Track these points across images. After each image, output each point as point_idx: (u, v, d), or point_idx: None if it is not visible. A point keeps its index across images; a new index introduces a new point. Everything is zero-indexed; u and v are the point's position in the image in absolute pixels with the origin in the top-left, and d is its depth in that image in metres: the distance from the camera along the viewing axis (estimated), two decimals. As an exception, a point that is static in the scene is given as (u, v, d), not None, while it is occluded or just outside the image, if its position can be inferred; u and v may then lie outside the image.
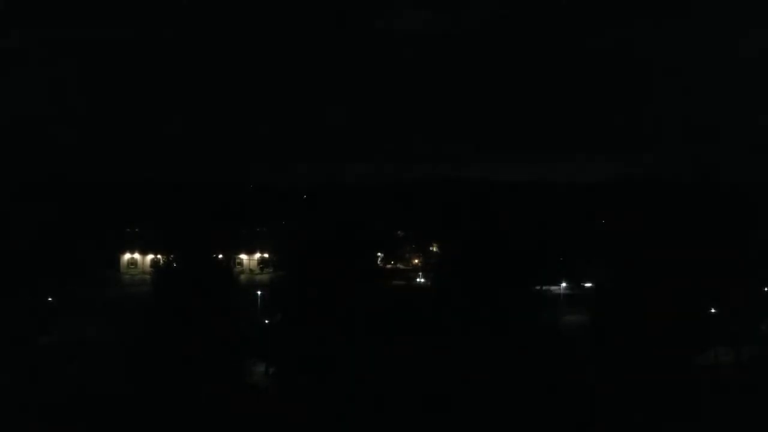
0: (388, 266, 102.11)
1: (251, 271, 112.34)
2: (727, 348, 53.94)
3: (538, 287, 52.19)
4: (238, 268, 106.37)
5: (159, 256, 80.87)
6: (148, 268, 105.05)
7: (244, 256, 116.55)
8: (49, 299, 71.31)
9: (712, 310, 55.06)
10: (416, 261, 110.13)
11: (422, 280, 79.76)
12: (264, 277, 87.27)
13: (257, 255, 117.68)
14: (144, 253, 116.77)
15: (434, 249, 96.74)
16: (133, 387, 46.06)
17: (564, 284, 76.99)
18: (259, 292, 65.06)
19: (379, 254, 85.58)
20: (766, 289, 61.18)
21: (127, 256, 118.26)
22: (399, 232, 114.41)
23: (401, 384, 45.11)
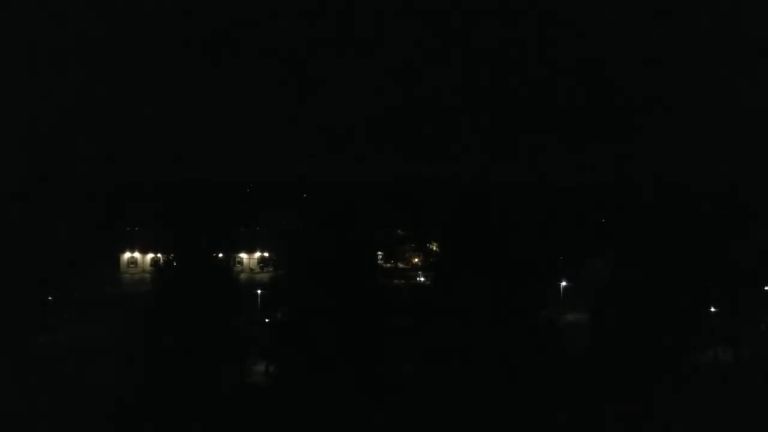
0: (388, 265, 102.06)
1: (251, 270, 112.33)
2: (727, 348, 53.94)
3: (538, 286, 52.09)
4: (238, 267, 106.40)
5: (159, 256, 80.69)
6: (148, 268, 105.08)
7: (244, 256, 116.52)
8: (49, 298, 71.23)
9: (712, 310, 55.07)
10: (416, 260, 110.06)
11: (422, 279, 79.75)
12: (264, 276, 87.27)
13: (257, 254, 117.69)
14: (144, 252, 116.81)
15: (434, 248, 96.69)
16: (133, 386, 46.03)
17: (564, 283, 76.98)
18: (259, 292, 65.03)
19: (379, 253, 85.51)
20: (766, 288, 61.19)
21: (127, 255, 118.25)
22: (399, 231, 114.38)
23: (401, 381, 45.13)
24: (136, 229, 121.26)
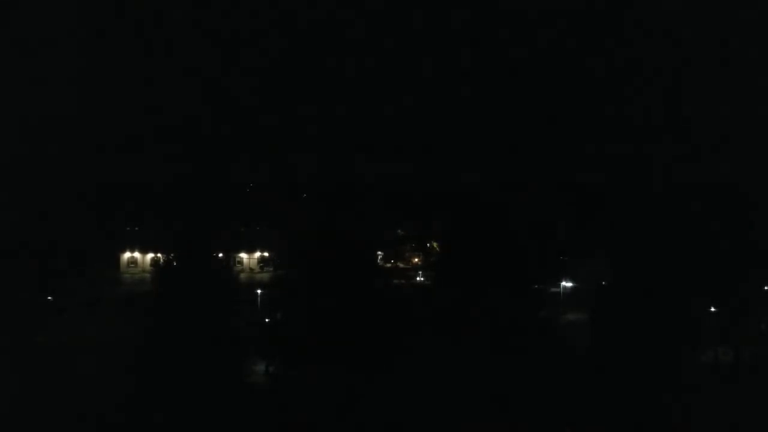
0: (388, 265, 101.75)
1: (251, 269, 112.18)
2: (727, 348, 53.92)
3: (538, 285, 52.19)
4: (238, 267, 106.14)
5: (159, 255, 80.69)
6: (148, 268, 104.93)
7: (244, 255, 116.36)
8: (49, 298, 71.22)
9: (712, 310, 55.03)
10: (416, 260, 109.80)
11: (422, 279, 79.58)
12: (264, 276, 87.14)
13: (257, 254, 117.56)
14: (144, 251, 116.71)
15: (434, 248, 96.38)
16: (133, 386, 46.06)
17: (564, 282, 76.88)
18: (259, 291, 65.01)
19: (379, 253, 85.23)
20: (766, 288, 61.10)
21: (127, 254, 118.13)
22: (399, 231, 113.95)
23: (402, 382, 45.14)
24: (136, 229, 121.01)
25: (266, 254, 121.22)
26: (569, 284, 77.23)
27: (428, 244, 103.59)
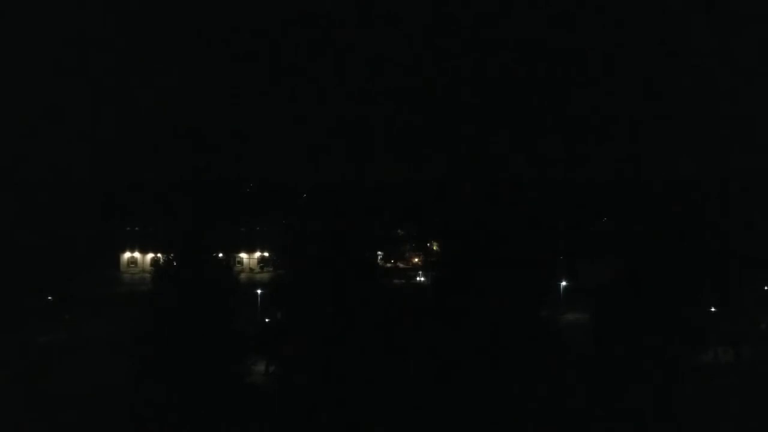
0: (388, 265, 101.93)
1: (251, 270, 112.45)
2: (727, 348, 53.99)
3: (538, 286, 52.13)
4: (238, 267, 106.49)
5: (159, 255, 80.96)
6: (148, 268, 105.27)
7: (244, 255, 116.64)
8: (49, 298, 71.43)
9: (712, 310, 55.10)
10: (416, 260, 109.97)
11: (422, 279, 79.61)
12: (264, 276, 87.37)
13: (257, 254, 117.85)
14: (144, 251, 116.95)
15: (434, 248, 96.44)
16: (133, 386, 46.11)
17: (564, 283, 76.96)
18: (259, 291, 65.10)
19: (379, 253, 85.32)
20: (766, 288, 61.22)
21: (127, 254, 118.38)
22: (399, 231, 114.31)
23: (401, 382, 45.16)
24: (136, 229, 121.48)
25: (266, 254, 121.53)
26: (569, 284, 77.40)
27: (428, 244, 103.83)
